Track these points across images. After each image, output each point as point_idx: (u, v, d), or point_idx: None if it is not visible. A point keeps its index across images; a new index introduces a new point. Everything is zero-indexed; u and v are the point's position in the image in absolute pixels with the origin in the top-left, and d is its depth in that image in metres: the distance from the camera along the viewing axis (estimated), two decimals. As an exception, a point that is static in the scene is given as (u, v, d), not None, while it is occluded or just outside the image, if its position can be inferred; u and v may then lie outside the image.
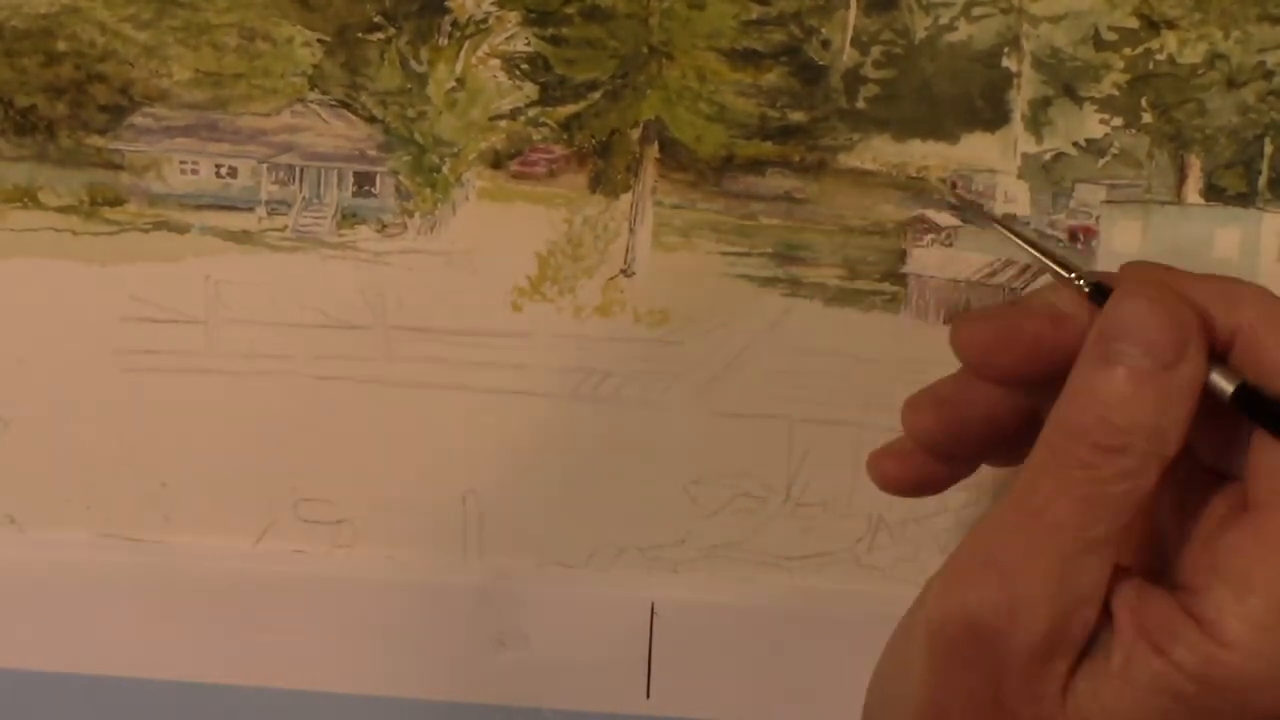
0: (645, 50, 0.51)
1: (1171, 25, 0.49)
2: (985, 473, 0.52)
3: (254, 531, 0.54)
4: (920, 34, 0.50)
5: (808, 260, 0.52)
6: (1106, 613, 0.34)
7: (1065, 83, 0.50)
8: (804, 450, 0.52)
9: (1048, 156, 0.50)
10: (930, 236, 0.51)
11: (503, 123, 0.52)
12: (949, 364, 0.52)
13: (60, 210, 0.53)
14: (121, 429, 0.54)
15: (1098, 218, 0.51)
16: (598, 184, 0.52)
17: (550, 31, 0.51)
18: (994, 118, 0.50)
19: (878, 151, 0.51)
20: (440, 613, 0.54)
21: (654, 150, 0.51)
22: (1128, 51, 0.50)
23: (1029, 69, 0.50)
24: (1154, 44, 0.49)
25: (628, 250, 0.52)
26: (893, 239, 0.51)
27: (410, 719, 0.55)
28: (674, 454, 0.53)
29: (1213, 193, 0.50)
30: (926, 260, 0.52)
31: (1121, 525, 0.34)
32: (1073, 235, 0.51)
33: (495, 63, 0.51)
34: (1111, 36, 0.49)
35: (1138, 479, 0.34)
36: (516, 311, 0.53)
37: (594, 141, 0.52)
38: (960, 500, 0.53)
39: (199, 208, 0.53)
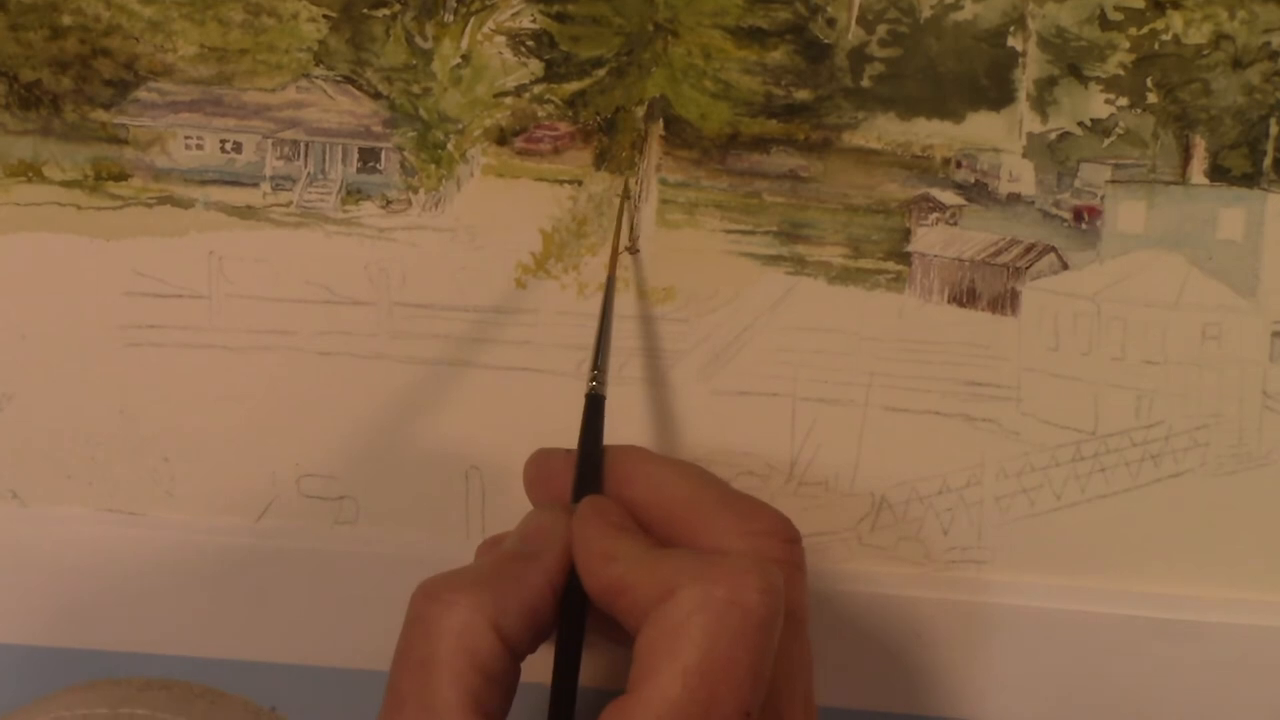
0: (650, 27, 0.51)
1: (1177, 5, 0.49)
2: (984, 457, 0.52)
3: (256, 507, 0.54)
4: (926, 13, 0.50)
5: (812, 238, 0.52)
6: None
7: (1070, 62, 0.50)
8: (807, 429, 0.52)
9: (1053, 136, 0.50)
10: (935, 215, 0.51)
11: (508, 99, 0.52)
12: (952, 343, 0.53)
13: (64, 184, 0.53)
14: (124, 404, 0.54)
15: (1102, 197, 0.51)
16: (603, 161, 0.52)
17: (556, 8, 0.51)
18: (999, 97, 0.50)
19: (882, 130, 0.51)
20: (442, 589, 0.54)
21: (659, 127, 0.51)
22: (1133, 31, 0.50)
23: (1034, 48, 0.50)
24: (1159, 24, 0.49)
25: (632, 227, 0.52)
26: (897, 218, 0.51)
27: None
28: (677, 432, 0.53)
29: (1217, 173, 0.50)
30: (931, 239, 0.52)
31: None
32: (1077, 215, 0.51)
33: (501, 39, 0.51)
34: (1117, 16, 0.49)
35: None
36: (520, 288, 0.53)
37: (599, 118, 0.52)
38: (963, 480, 0.53)
39: (203, 183, 0.53)
